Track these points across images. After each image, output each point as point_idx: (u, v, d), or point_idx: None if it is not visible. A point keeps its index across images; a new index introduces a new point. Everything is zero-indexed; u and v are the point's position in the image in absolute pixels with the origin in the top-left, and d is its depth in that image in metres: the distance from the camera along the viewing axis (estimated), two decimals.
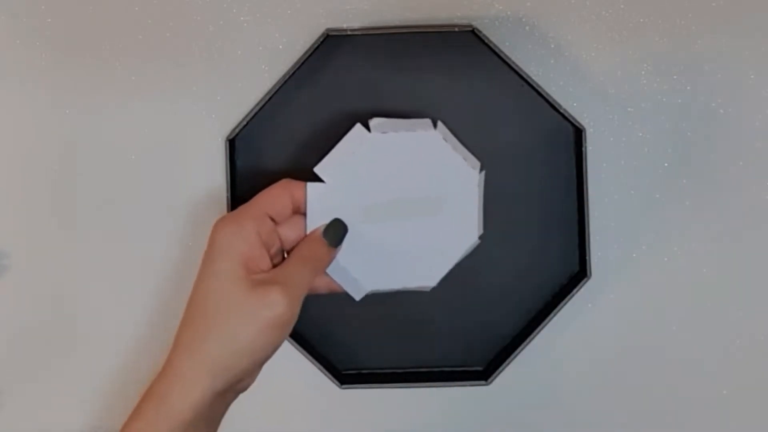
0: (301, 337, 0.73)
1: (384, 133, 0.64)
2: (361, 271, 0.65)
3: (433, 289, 0.69)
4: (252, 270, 0.60)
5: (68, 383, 0.76)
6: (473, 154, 0.68)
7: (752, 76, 0.75)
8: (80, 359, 0.76)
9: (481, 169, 0.66)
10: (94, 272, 0.76)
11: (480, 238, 0.67)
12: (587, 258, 0.72)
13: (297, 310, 0.59)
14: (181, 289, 0.75)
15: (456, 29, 0.71)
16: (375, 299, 0.70)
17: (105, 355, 0.76)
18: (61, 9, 0.75)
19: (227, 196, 0.72)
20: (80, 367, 0.76)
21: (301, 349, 0.72)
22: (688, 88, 0.75)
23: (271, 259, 0.62)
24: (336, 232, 0.63)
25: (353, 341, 0.73)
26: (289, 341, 0.71)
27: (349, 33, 0.72)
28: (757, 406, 0.76)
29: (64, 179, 0.75)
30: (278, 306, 0.58)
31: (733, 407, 0.76)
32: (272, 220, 0.62)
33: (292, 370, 0.74)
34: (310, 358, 0.72)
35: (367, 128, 0.65)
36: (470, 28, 0.71)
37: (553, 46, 0.74)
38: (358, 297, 0.66)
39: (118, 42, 0.75)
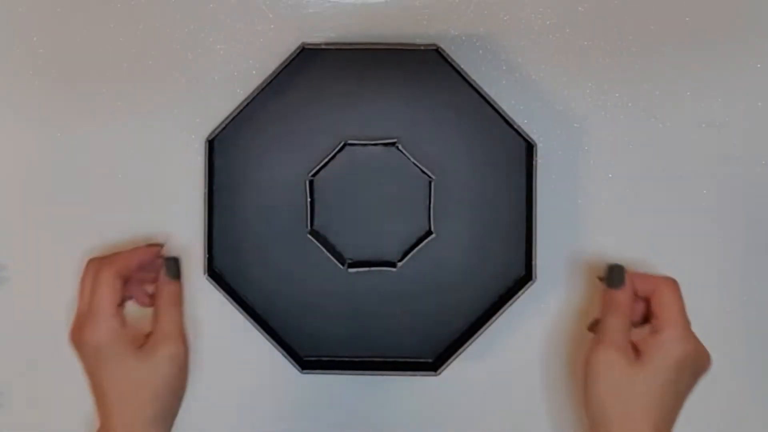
0: (267, 326, 0.75)
1: None
2: None
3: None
4: (137, 341, 0.67)
5: (66, 390, 0.78)
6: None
7: (688, 93, 0.77)
8: (76, 367, 0.76)
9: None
10: None
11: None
12: (533, 262, 0.74)
13: (185, 343, 0.68)
14: None
15: (422, 48, 0.74)
16: (339, 294, 0.74)
17: None
18: (51, 41, 0.77)
19: (204, 203, 0.75)
20: (77, 374, 0.77)
21: (267, 336, 0.74)
22: (629, 104, 0.77)
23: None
24: (172, 267, 0.70)
25: (315, 331, 0.74)
26: (258, 330, 0.74)
27: (323, 47, 0.75)
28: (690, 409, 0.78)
29: (58, 195, 0.78)
30: (171, 354, 0.67)
31: None
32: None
33: (259, 355, 0.77)
34: (275, 344, 0.74)
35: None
36: (434, 47, 0.74)
37: (504, 68, 0.77)
38: None
39: (105, 70, 0.77)
